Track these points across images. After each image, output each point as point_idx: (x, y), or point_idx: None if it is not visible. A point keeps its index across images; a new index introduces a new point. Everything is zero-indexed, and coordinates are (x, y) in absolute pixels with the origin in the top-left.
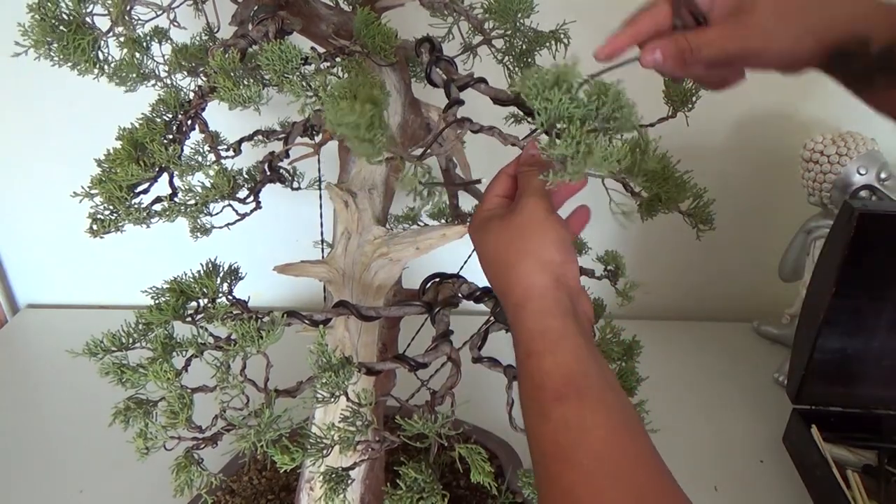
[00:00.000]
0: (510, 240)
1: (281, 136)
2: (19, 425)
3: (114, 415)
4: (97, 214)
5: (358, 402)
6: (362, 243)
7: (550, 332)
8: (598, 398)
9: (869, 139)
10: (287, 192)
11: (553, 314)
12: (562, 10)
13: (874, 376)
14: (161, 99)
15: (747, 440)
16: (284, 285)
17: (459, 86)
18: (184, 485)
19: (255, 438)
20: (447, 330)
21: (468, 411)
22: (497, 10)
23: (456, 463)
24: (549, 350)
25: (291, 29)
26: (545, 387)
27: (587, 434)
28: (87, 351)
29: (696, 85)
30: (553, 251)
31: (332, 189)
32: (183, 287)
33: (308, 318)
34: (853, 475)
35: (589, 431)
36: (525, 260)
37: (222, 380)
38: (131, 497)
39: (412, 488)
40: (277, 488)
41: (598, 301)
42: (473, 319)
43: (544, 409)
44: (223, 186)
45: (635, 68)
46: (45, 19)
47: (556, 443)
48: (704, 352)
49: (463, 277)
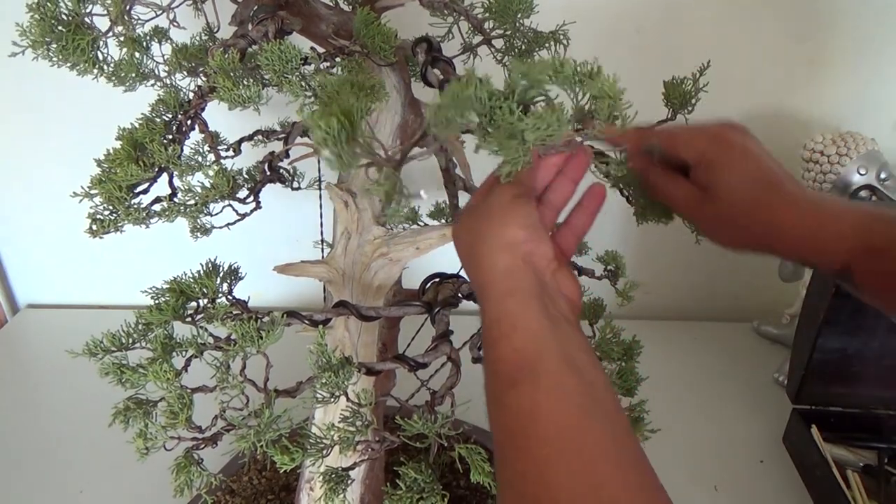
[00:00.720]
0: (475, 224)
1: (281, 136)
2: (19, 425)
3: (114, 415)
4: (97, 214)
5: (358, 402)
6: (362, 243)
7: (508, 316)
8: (556, 382)
9: (869, 139)
10: (287, 192)
11: (513, 296)
12: (561, 11)
13: (874, 376)
14: (161, 99)
15: (747, 440)
16: (284, 285)
17: None
18: (184, 485)
19: (255, 438)
20: (447, 330)
21: (468, 411)
22: (497, 10)
23: (456, 463)
24: (506, 335)
25: (291, 29)
26: (499, 373)
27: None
28: (86, 351)
29: (694, 87)
30: (516, 229)
31: (332, 189)
32: (183, 287)
33: (308, 318)
34: (853, 475)
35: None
36: (486, 241)
37: (222, 380)
38: (131, 497)
39: (412, 488)
40: (277, 488)
41: (598, 301)
42: (473, 319)
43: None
44: (223, 186)
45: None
46: (45, 19)
47: (508, 429)
48: (704, 352)
49: (463, 277)
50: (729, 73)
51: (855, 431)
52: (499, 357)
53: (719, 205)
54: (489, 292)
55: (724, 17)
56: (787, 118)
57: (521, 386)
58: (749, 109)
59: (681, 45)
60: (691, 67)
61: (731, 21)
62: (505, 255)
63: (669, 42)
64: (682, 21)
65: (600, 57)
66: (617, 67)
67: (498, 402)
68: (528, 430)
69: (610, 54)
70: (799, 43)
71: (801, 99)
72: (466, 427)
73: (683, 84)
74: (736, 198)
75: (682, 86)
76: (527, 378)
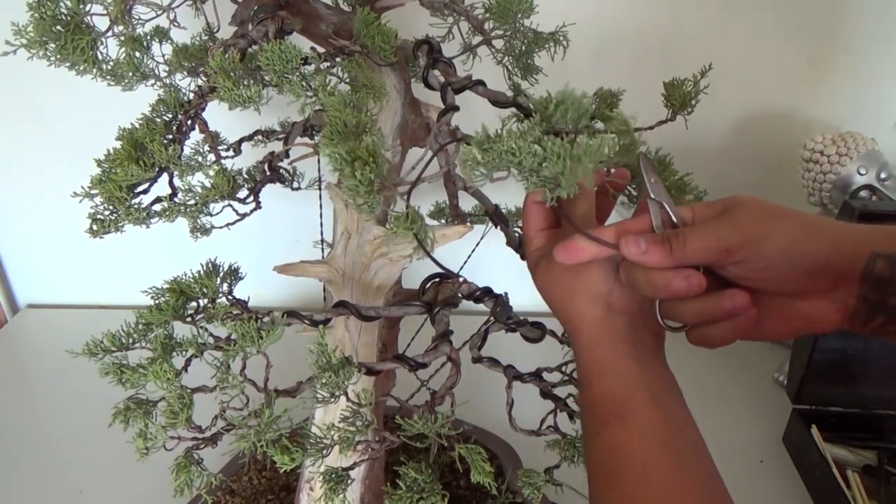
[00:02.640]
0: (560, 279)
1: (281, 136)
2: (19, 425)
3: (114, 415)
4: (97, 215)
5: (358, 402)
6: (362, 243)
7: (598, 361)
8: (643, 425)
9: (869, 139)
10: (287, 192)
11: (601, 344)
12: (561, 11)
13: (874, 376)
14: (161, 99)
15: (747, 440)
16: (284, 285)
17: (457, 88)
18: (184, 485)
19: (255, 438)
20: (447, 330)
21: (468, 411)
22: (497, 11)
23: (456, 463)
24: (597, 378)
25: (291, 29)
26: (594, 412)
27: (628, 458)
28: (86, 351)
29: (695, 88)
30: (599, 283)
31: (332, 189)
32: (183, 287)
33: (308, 318)
34: (853, 475)
35: (629, 455)
36: (575, 296)
37: (222, 380)
38: (131, 497)
39: (412, 488)
40: (277, 488)
41: None
42: (473, 319)
43: (592, 433)
44: (223, 186)
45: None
46: (44, 18)
47: (600, 464)
48: (704, 352)
49: (463, 277)
50: (729, 73)
51: (855, 431)
52: (593, 397)
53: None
54: (581, 339)
55: (723, 18)
56: (787, 118)
57: (612, 426)
58: (749, 109)
59: (680, 45)
60: (691, 68)
61: (730, 21)
62: (594, 308)
63: (669, 42)
64: (682, 22)
65: (600, 57)
66: (617, 68)
67: (591, 439)
68: (617, 466)
69: (610, 55)
70: (799, 43)
71: (801, 99)
72: (466, 427)
73: (684, 85)
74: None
75: (683, 87)
76: (616, 419)
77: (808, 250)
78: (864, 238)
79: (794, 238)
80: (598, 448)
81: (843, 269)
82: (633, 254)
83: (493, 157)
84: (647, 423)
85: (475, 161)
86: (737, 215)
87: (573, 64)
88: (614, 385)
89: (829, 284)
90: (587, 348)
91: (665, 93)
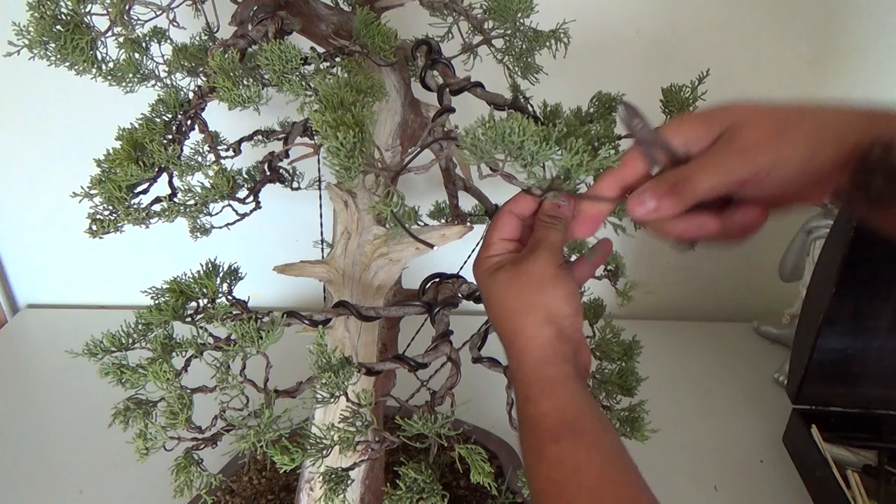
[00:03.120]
0: (519, 292)
1: (281, 136)
2: (19, 425)
3: (114, 415)
4: (96, 215)
5: (358, 402)
6: (362, 243)
7: (548, 378)
8: (592, 440)
9: None
10: (287, 192)
11: (552, 362)
12: (561, 11)
13: (874, 376)
14: (160, 99)
15: (747, 440)
16: (284, 285)
17: (455, 90)
18: (184, 485)
19: (255, 439)
20: (447, 330)
21: (468, 411)
22: (497, 10)
23: (456, 463)
24: (547, 394)
25: (291, 29)
26: (541, 428)
27: (580, 471)
28: (86, 351)
29: (693, 94)
30: (563, 304)
31: (332, 189)
32: (183, 287)
33: (308, 319)
34: (853, 475)
35: (582, 469)
36: (533, 312)
37: (222, 380)
38: (131, 497)
39: (412, 488)
40: (277, 488)
41: (598, 301)
42: (473, 319)
43: (540, 449)
44: (223, 186)
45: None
46: (45, 18)
47: (550, 480)
48: (704, 352)
49: (463, 277)
50: (729, 73)
51: (855, 431)
52: (541, 414)
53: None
54: (526, 357)
55: (724, 18)
56: None
57: (563, 441)
58: None
59: (681, 45)
60: (691, 68)
61: (731, 22)
62: (548, 328)
63: (669, 43)
64: (682, 22)
65: (600, 57)
66: (616, 68)
67: (539, 453)
68: (570, 481)
69: (610, 55)
70: (799, 43)
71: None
72: (466, 427)
73: (682, 91)
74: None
75: (681, 93)
76: (567, 433)
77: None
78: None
79: (805, 156)
80: (548, 464)
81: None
82: (643, 214)
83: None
84: (596, 439)
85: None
86: (741, 138)
87: (573, 63)
88: (565, 402)
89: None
90: (533, 366)
91: (663, 98)
